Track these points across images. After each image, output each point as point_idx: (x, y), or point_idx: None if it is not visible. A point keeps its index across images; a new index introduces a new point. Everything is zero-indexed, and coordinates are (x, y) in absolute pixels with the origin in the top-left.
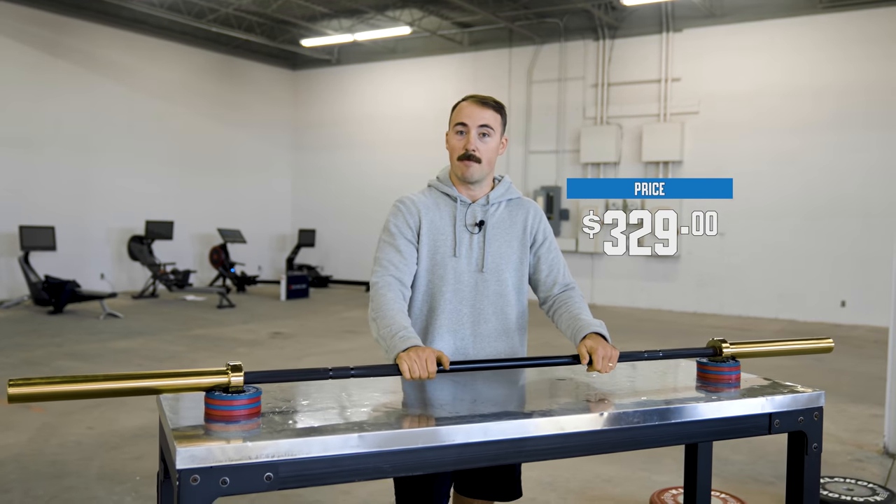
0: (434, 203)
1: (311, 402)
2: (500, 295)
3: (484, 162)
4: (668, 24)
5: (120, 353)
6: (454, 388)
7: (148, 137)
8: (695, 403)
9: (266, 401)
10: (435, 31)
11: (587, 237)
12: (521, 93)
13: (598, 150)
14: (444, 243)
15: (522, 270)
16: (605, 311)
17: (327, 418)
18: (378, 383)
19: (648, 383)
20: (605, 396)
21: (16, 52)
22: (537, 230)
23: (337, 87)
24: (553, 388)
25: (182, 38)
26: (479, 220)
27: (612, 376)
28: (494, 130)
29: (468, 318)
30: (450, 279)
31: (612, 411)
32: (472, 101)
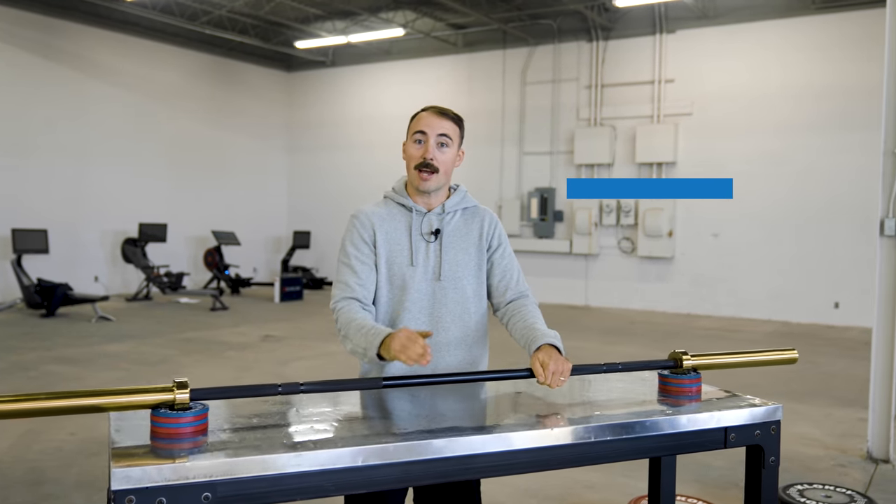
0: (389, 214)
1: (262, 419)
2: (458, 303)
3: (441, 172)
4: (662, 25)
5: (109, 357)
6: (408, 403)
7: (142, 140)
8: (647, 418)
9: (219, 417)
10: (429, 32)
11: (581, 238)
12: (515, 94)
13: (592, 152)
14: (400, 253)
15: (481, 277)
16: (598, 312)
17: (273, 436)
18: (340, 398)
19: (607, 396)
20: (559, 411)
21: (7, 54)
22: (492, 236)
23: (332, 88)
24: (508, 402)
25: (175, 40)
26: (434, 228)
27: (572, 389)
28: (453, 141)
29: (426, 327)
30: (408, 289)
31: (562, 427)
32: (432, 111)
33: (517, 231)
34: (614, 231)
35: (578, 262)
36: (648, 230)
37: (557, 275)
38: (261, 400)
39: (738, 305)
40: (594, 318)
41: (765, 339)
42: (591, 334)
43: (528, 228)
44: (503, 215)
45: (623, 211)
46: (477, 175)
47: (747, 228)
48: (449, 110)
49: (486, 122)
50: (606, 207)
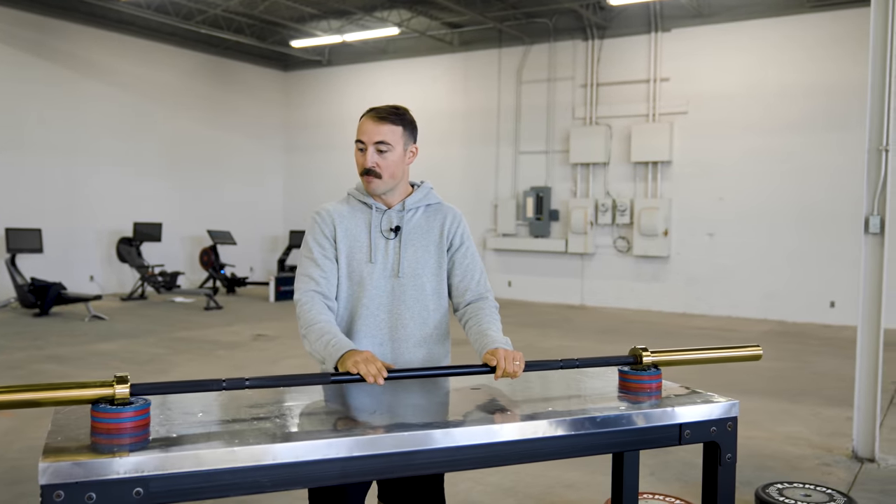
0: (350, 211)
1: (206, 414)
2: (417, 300)
3: (385, 176)
4: (657, 23)
5: (99, 356)
6: (363, 399)
7: (137, 139)
8: (599, 414)
9: (163, 413)
10: (424, 31)
11: (577, 238)
12: (511, 93)
13: (588, 151)
14: (359, 250)
15: (441, 275)
16: (594, 312)
17: (212, 431)
18: (301, 394)
19: (563, 392)
20: (512, 407)
21: (3, 53)
22: (454, 235)
23: (328, 87)
24: (463, 397)
25: (171, 39)
26: (394, 225)
27: (528, 387)
28: (393, 145)
29: (385, 324)
30: (366, 285)
31: (509, 423)
32: (369, 116)
33: (513, 230)
34: (610, 230)
35: (574, 261)
36: (644, 229)
37: (553, 274)
38: (225, 396)
39: (733, 305)
40: (589, 318)
41: (759, 339)
42: (586, 334)
43: (524, 227)
44: (499, 214)
45: (619, 210)
46: (473, 174)
47: (743, 228)
48: (387, 110)
49: (481, 121)
50: (602, 206)
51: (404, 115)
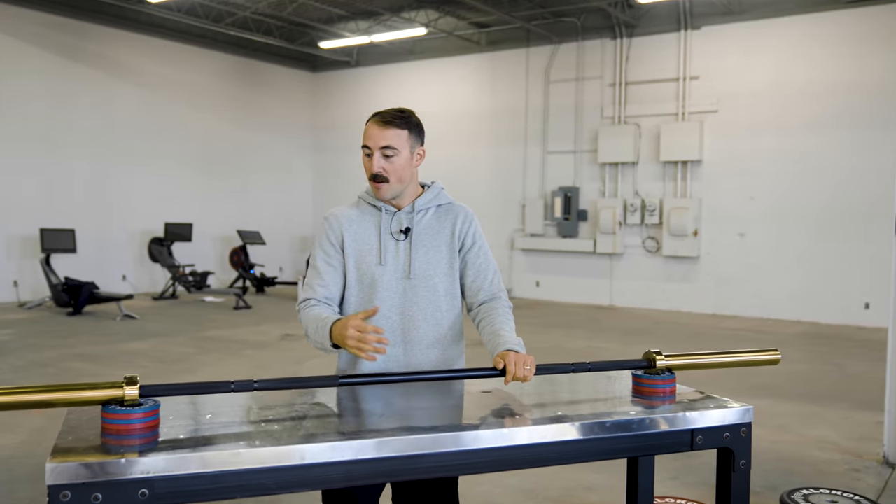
0: (360, 214)
1: (215, 416)
2: (430, 301)
3: (393, 180)
4: (686, 21)
5: (129, 355)
6: (369, 401)
7: (168, 140)
8: (609, 419)
9: (173, 415)
10: (451, 31)
11: (605, 238)
12: (539, 93)
13: (616, 150)
14: (369, 252)
15: (453, 276)
16: (622, 312)
17: (220, 433)
18: (311, 396)
19: (576, 396)
20: (522, 410)
21: (37, 57)
22: (466, 234)
23: (357, 88)
24: (474, 400)
25: (201, 41)
26: (404, 227)
27: (540, 390)
28: (399, 149)
29: (398, 326)
30: (377, 287)
31: (518, 427)
32: (374, 121)
33: (541, 230)
34: (639, 230)
35: (602, 261)
36: (673, 229)
37: (581, 274)
38: (237, 398)
39: (765, 306)
40: (618, 319)
41: (790, 341)
42: (614, 335)
43: (552, 228)
44: (526, 214)
45: (648, 210)
46: (500, 174)
47: (774, 227)
48: (392, 113)
49: (509, 121)
50: (631, 206)
51: (409, 118)
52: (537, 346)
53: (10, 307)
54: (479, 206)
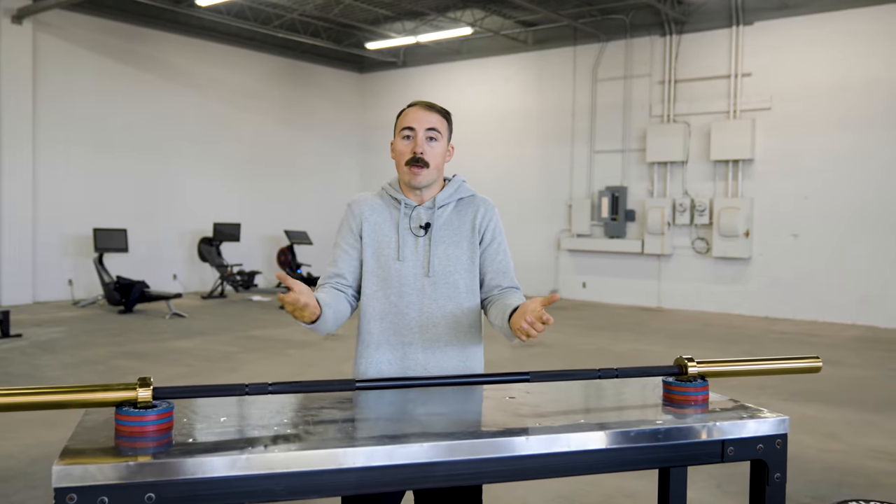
0: (381, 205)
1: (229, 418)
2: (450, 298)
3: (432, 166)
4: (738, 17)
5: (175, 353)
6: (385, 405)
7: (217, 142)
8: (634, 427)
9: (189, 417)
10: (498, 30)
11: (653, 238)
12: (586, 91)
13: (665, 149)
14: (388, 246)
15: (473, 272)
16: (670, 314)
17: (230, 437)
18: (328, 399)
19: (602, 403)
20: (542, 418)
21: (91, 61)
22: (486, 228)
23: (403, 88)
24: (493, 406)
25: (250, 44)
26: (424, 222)
27: (564, 396)
28: (442, 135)
29: (416, 323)
30: (394, 283)
31: (533, 437)
32: (419, 105)
33: (587, 231)
34: (688, 231)
35: (651, 262)
36: (724, 230)
37: (629, 276)
38: (254, 401)
39: (819, 309)
40: (666, 321)
41: (846, 345)
42: (661, 337)
43: (599, 228)
44: (573, 215)
45: (697, 210)
46: (547, 174)
47: (829, 228)
48: (436, 105)
49: (555, 121)
50: (680, 206)
51: (449, 113)
52: (582, 349)
53: (64, 305)
54: (525, 207)
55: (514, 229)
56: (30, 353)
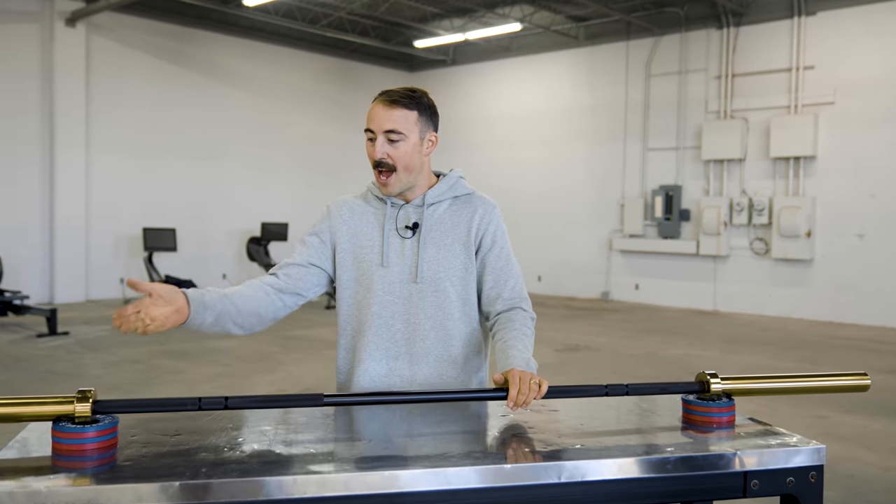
0: (364, 207)
1: (187, 437)
2: (439, 308)
3: (400, 168)
4: (800, 7)
5: (214, 353)
6: (358, 423)
7: (266, 141)
8: (639, 456)
9: (140, 433)
10: (548, 26)
11: (709, 239)
12: (639, 87)
13: (722, 146)
14: (370, 250)
15: (468, 280)
16: (726, 318)
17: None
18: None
19: (610, 425)
20: (532, 442)
21: (142, 62)
22: (485, 232)
23: (453, 87)
24: (480, 426)
25: (300, 44)
26: (412, 222)
27: (571, 415)
28: (405, 133)
29: (402, 335)
30: (377, 291)
31: (518, 464)
32: (380, 101)
33: (640, 231)
34: (746, 231)
35: (706, 263)
36: (784, 230)
37: (683, 277)
38: (215, 417)
39: (888, 314)
40: (721, 324)
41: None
42: (714, 342)
43: (653, 228)
44: (625, 214)
45: (756, 209)
46: (598, 172)
47: None
48: (401, 94)
49: (608, 118)
50: (737, 206)
51: (420, 99)
52: (630, 353)
53: (115, 303)
54: (576, 207)
55: (565, 230)
56: (74, 350)
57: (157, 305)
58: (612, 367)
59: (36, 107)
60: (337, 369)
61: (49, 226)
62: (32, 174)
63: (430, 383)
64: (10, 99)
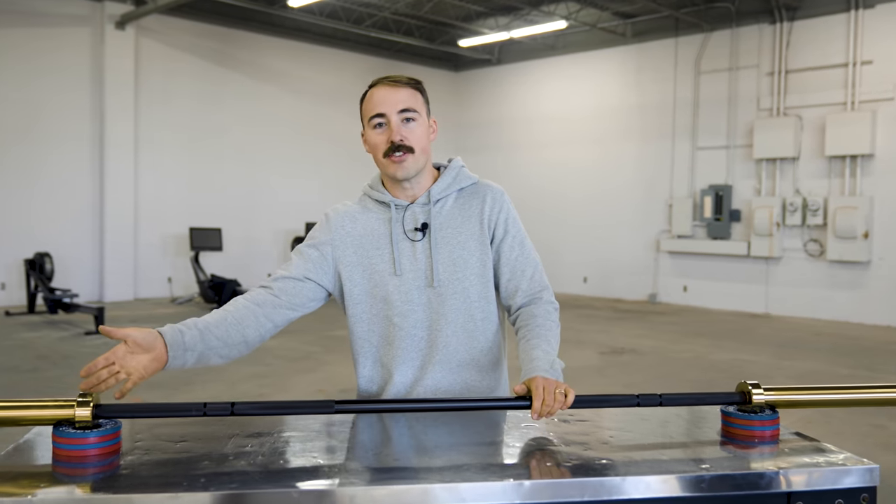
0: (364, 214)
1: (187, 445)
2: (462, 311)
3: (418, 150)
4: (857, 0)
5: (256, 352)
6: (367, 432)
7: (311, 142)
8: (669, 473)
9: (146, 438)
10: (594, 24)
11: (761, 240)
12: (688, 85)
13: (774, 145)
14: (380, 259)
15: (486, 275)
16: (779, 321)
17: (172, 470)
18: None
19: (641, 437)
20: (555, 456)
21: (189, 64)
22: (497, 220)
23: (498, 86)
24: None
25: (344, 44)
26: (420, 223)
27: (598, 425)
28: (419, 112)
29: (424, 344)
30: (395, 301)
31: (538, 480)
32: (383, 84)
33: (689, 231)
34: (799, 232)
35: (758, 265)
36: (840, 231)
37: (734, 280)
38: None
39: None
40: (773, 329)
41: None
42: (765, 347)
43: (702, 229)
44: (674, 215)
45: (810, 210)
46: (646, 172)
47: None
48: (402, 77)
49: (656, 116)
50: (790, 206)
51: (421, 83)
52: (677, 357)
53: (163, 302)
54: (622, 207)
55: (611, 230)
56: None
57: (133, 354)
58: (658, 371)
59: (87, 108)
60: (359, 384)
61: (99, 225)
62: (83, 174)
63: (454, 390)
64: (62, 101)
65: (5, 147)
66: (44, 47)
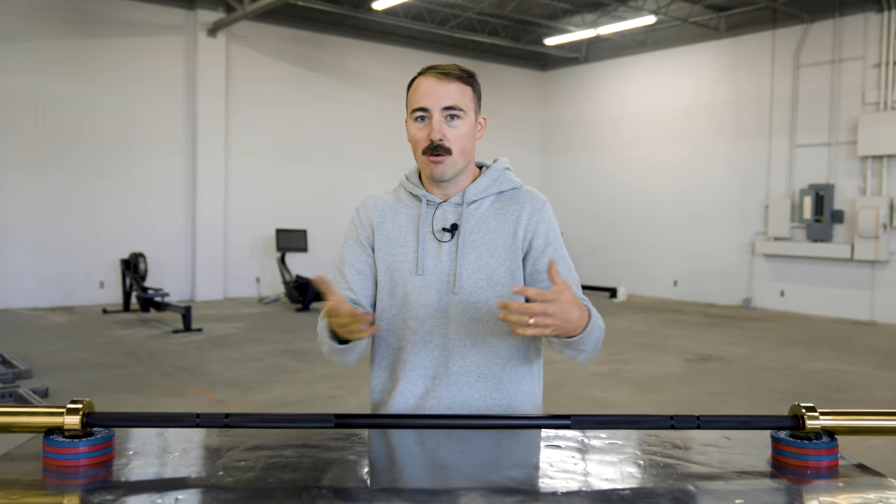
0: (397, 206)
1: (182, 456)
2: (480, 322)
3: (456, 152)
4: None
5: None
6: (376, 451)
7: (395, 145)
8: None
9: (140, 447)
10: (685, 18)
11: (866, 243)
12: (786, 79)
13: (882, 141)
14: (404, 257)
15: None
16: (884, 330)
17: (160, 482)
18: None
19: (677, 463)
20: (576, 482)
21: (278, 69)
22: (535, 231)
23: (585, 85)
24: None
25: (430, 46)
26: (450, 224)
27: (630, 449)
28: (465, 110)
29: (439, 353)
30: (413, 304)
31: None
32: (431, 74)
33: (787, 233)
34: None
35: (862, 269)
36: None
37: (835, 285)
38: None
39: None
40: (878, 337)
41: None
42: (868, 357)
43: (801, 231)
44: (770, 216)
45: None
46: (741, 171)
47: None
48: (453, 67)
49: (751, 113)
50: None
51: (473, 75)
52: (768, 366)
53: (250, 302)
54: (715, 207)
55: (703, 232)
56: (203, 347)
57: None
58: (746, 380)
59: (180, 115)
60: (371, 389)
61: (191, 227)
62: (177, 179)
63: (470, 406)
64: (157, 108)
65: (105, 153)
66: (140, 56)
